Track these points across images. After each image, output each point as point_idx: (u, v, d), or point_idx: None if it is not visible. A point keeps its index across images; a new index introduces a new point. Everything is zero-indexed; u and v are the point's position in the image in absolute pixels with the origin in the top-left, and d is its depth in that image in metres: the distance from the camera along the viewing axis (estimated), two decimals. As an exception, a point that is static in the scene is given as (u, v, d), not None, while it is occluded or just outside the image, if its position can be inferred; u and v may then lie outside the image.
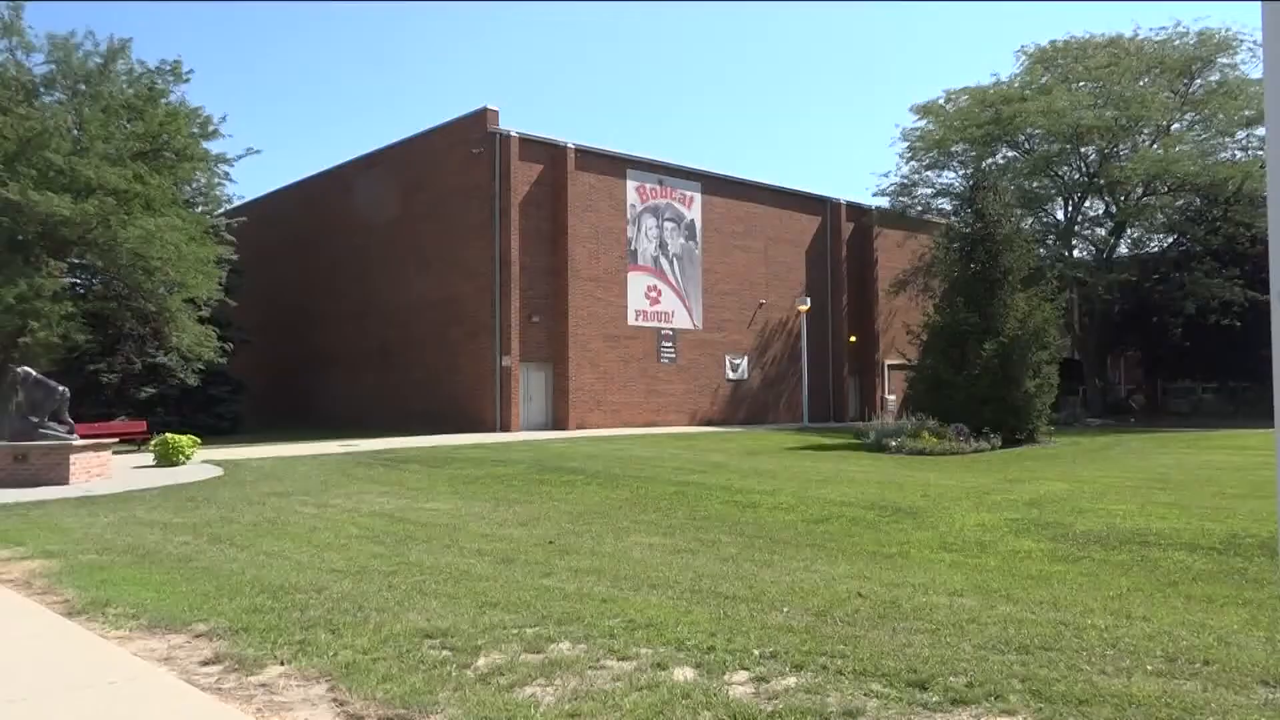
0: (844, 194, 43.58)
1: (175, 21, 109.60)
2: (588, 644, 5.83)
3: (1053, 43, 40.27)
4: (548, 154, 32.70)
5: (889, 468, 18.75)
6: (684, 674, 5.22)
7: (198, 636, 6.07)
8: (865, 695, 4.86)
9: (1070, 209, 41.62)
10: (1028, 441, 25.34)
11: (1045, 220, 42.67)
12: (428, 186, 34.25)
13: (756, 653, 5.61)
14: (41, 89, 27.21)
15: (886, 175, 44.74)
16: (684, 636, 5.96)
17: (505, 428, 30.69)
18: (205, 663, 5.50)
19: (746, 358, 38.32)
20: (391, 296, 35.53)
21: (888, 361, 44.06)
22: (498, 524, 11.42)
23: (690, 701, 4.73)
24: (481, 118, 31.94)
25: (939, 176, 43.56)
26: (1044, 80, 39.62)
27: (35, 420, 16.62)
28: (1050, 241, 40.96)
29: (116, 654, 5.64)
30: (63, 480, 15.94)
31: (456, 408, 31.91)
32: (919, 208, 43.58)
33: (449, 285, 33.04)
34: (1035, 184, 40.43)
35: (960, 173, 42.33)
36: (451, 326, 32.87)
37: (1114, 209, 40.47)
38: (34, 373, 17.50)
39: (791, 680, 5.11)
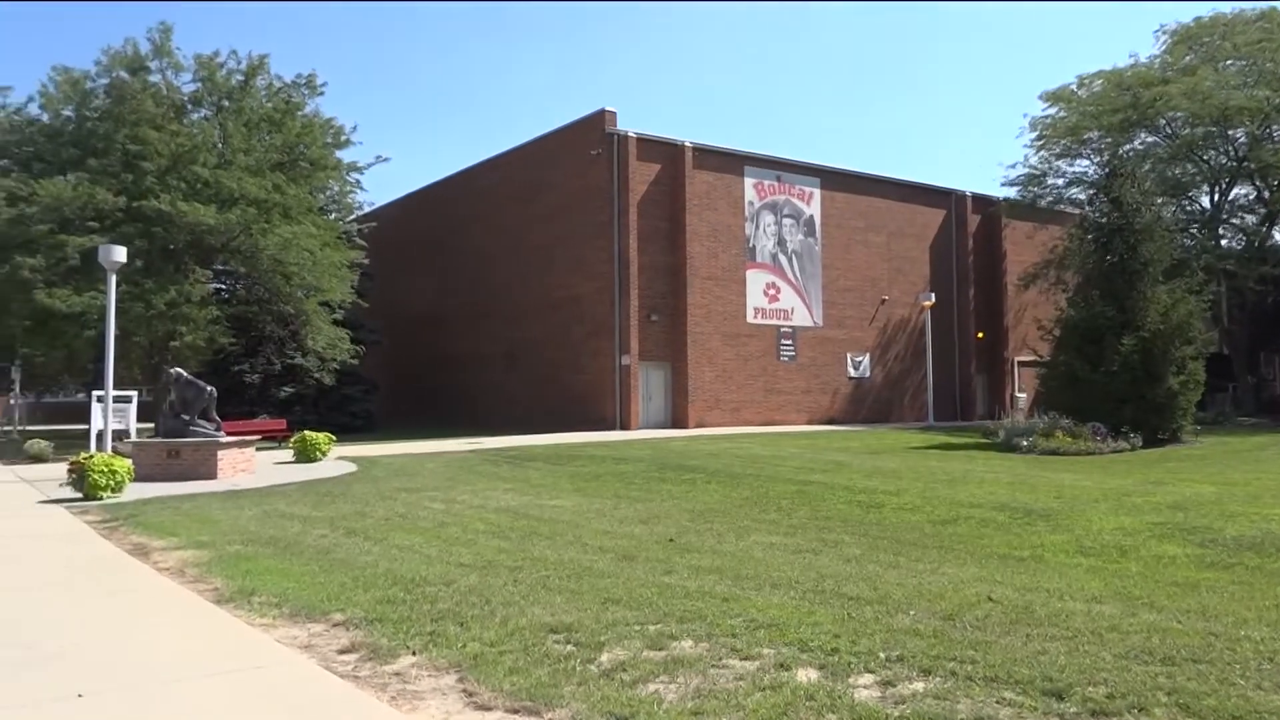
0: (969, 186, 42.22)
1: (306, 35, 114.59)
2: (710, 642, 5.82)
3: (1197, 19, 38.08)
4: (665, 153, 32.82)
5: (1020, 468, 18.09)
6: (808, 675, 5.15)
7: (335, 625, 6.32)
8: (997, 703, 4.70)
9: (1217, 196, 39.31)
10: (1171, 441, 24.09)
11: (1189, 209, 40.45)
12: (549, 189, 34.84)
13: (882, 656, 5.49)
14: (189, 106, 28.90)
15: (1014, 166, 43.09)
16: (807, 637, 5.88)
17: (625, 426, 30.94)
18: (342, 651, 5.72)
19: (868, 355, 37.60)
20: (515, 297, 36.28)
21: (1017, 358, 42.48)
22: (619, 521, 11.51)
23: (814, 704, 4.66)
24: (600, 119, 32.30)
25: (1071, 165, 41.83)
26: (1187, 60, 37.50)
27: (186, 418, 17.61)
28: (1195, 231, 38.79)
29: (262, 640, 5.93)
30: (211, 475, 16.81)
31: (578, 406, 32.35)
32: (1050, 198, 41.88)
33: (570, 285, 33.53)
34: (1178, 170, 38.36)
35: (1095, 160, 40.50)
36: (573, 326, 33.35)
37: (1266, 195, 37.99)
38: (185, 373, 18.57)
39: (919, 685, 4.98)
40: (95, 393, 21.61)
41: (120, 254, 19.54)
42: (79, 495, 13.91)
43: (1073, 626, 6.22)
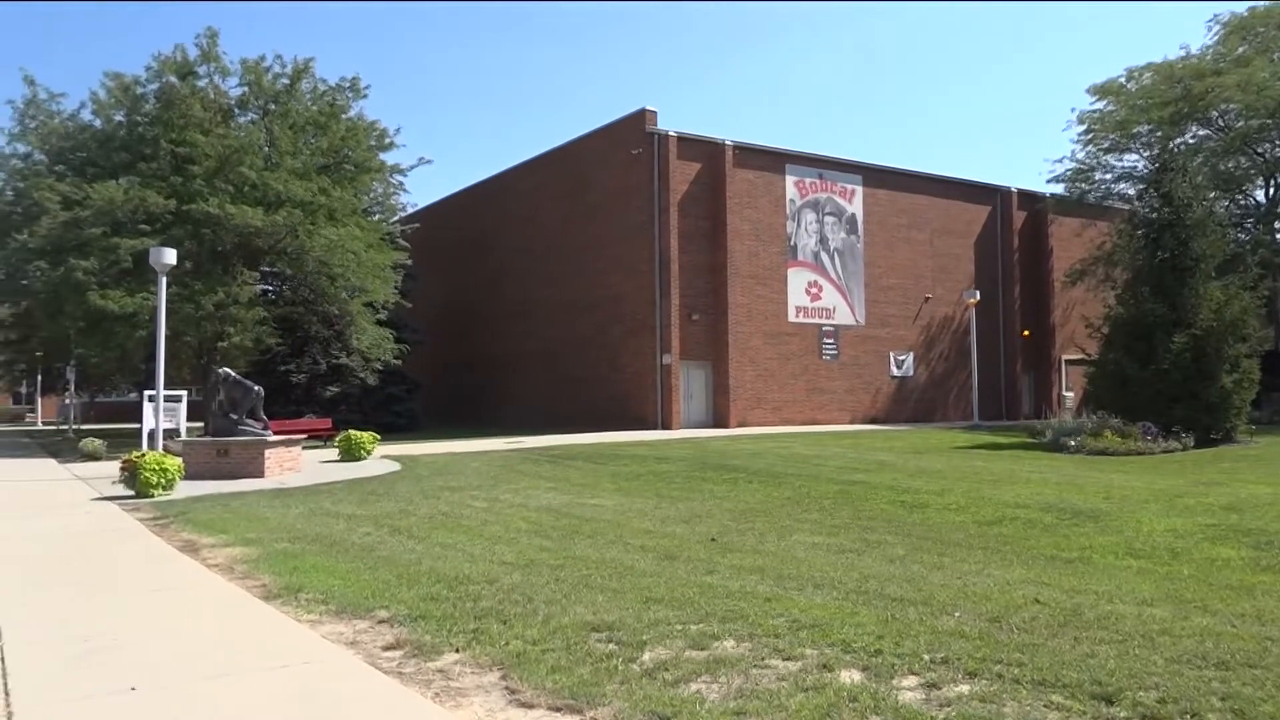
0: (1015, 182, 41.65)
1: (349, 37, 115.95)
2: (752, 642, 5.80)
3: (1252, 9, 37.18)
4: (706, 152, 32.76)
5: (1067, 468, 17.81)
6: (851, 676, 5.11)
7: (380, 622, 6.39)
8: (1045, 707, 4.63)
9: (1272, 189, 38.36)
10: (1224, 441, 23.58)
11: (1243, 203, 39.52)
12: (589, 188, 34.93)
13: (927, 657, 5.43)
14: (236, 110, 29.37)
15: (1060, 161, 42.30)
16: (850, 638, 5.84)
17: (666, 425, 30.93)
18: (387, 647, 5.79)
19: (912, 354, 37.24)
20: (555, 297, 36.43)
21: (1065, 356, 41.84)
22: (660, 520, 11.51)
23: (858, 705, 4.63)
24: (640, 119, 32.32)
25: (1119, 160, 41.07)
26: (1241, 51, 36.66)
27: (235, 417, 17.91)
28: (1249, 225, 37.88)
29: (308, 636, 6.01)
30: (259, 473, 17.07)
31: (618, 406, 32.40)
32: (1098, 193, 41.14)
33: (610, 285, 33.59)
34: (1231, 164, 37.50)
35: (1144, 155, 39.72)
36: (613, 325, 33.40)
37: (1324, 189, 37.05)
38: (233, 373, 18.90)
39: (964, 688, 4.92)
40: (147, 392, 22.03)
41: (170, 256, 19.90)
42: (131, 493, 14.21)
43: (1123, 630, 6.11)
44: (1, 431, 44.50)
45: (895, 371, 36.74)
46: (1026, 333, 41.06)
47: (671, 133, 32.00)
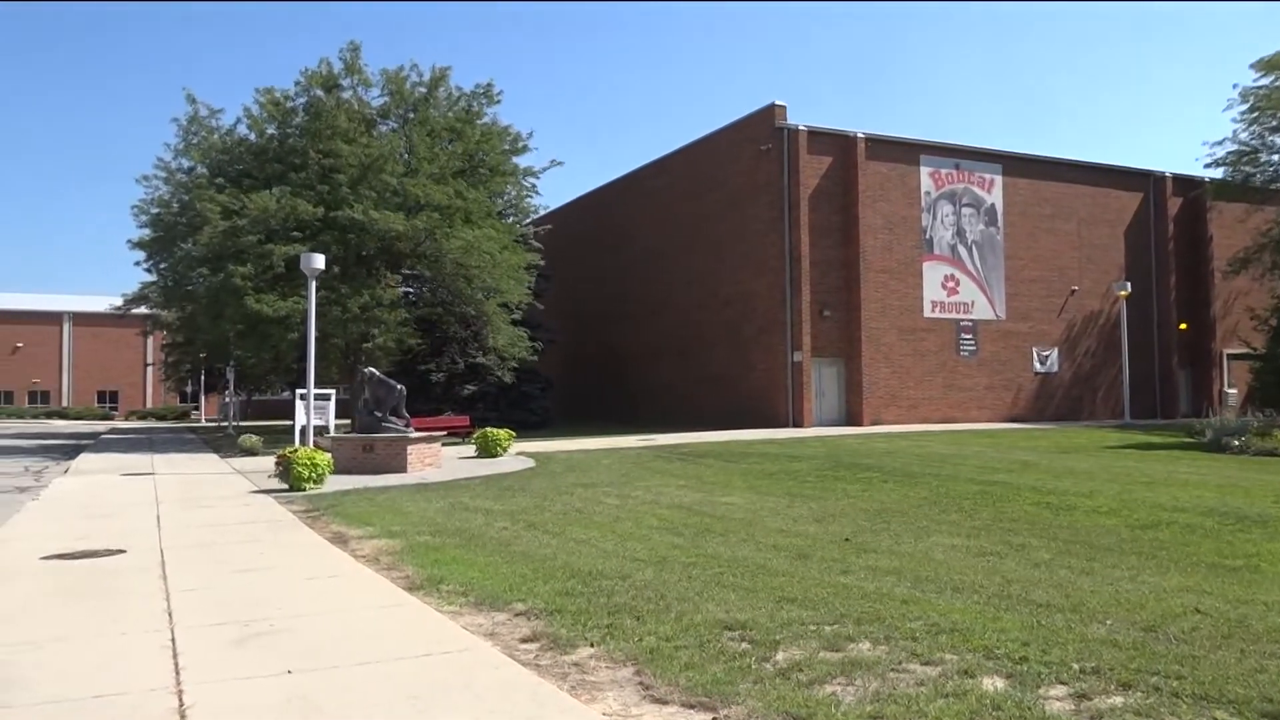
0: (1169, 167, 39.31)
1: (483, 40, 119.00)
2: (889, 645, 5.67)
3: None
4: (837, 145, 32.21)
5: (1230, 470, 16.72)
6: (993, 684, 4.94)
7: (517, 615, 6.55)
8: (1208, 723, 4.36)
9: None
10: None
11: None
12: (718, 185, 34.85)
13: (1076, 667, 5.19)
14: (378, 119, 30.60)
15: (1221, 143, 39.48)
16: (992, 644, 5.64)
17: (798, 424, 30.59)
18: (524, 640, 5.92)
19: (1056, 349, 35.69)
20: (686, 295, 36.50)
21: (1227, 351, 39.27)
22: (792, 519, 11.39)
23: (1002, 714, 4.46)
24: (769, 114, 32.04)
25: (1290, 140, 38.12)
26: None
27: (379, 415, 18.65)
28: None
29: (449, 627, 6.21)
30: (402, 469, 17.72)
31: (749, 403, 32.23)
32: (1264, 176, 38.37)
33: (740, 282, 33.44)
34: None
35: (1317, 134, 36.81)
36: (744, 323, 33.24)
37: None
38: (377, 373, 19.69)
39: (1118, 699, 4.68)
40: (298, 391, 23.21)
41: (319, 261, 20.90)
42: (285, 486, 14.99)
43: (1295, 643, 5.69)
44: (169, 428, 47.72)
45: (1038, 367, 35.29)
46: (1183, 326, 38.74)
47: (801, 127, 31.60)
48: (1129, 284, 34.18)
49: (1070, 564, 8.45)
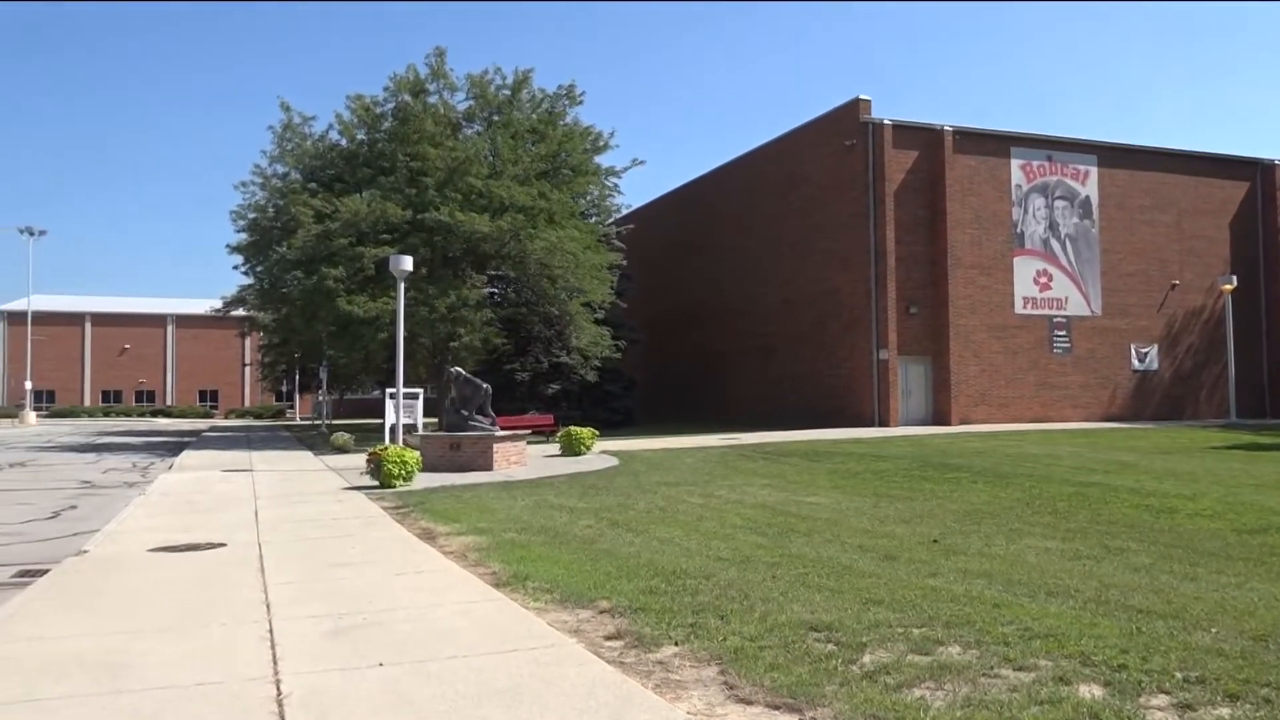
0: (1278, 154, 37.53)
1: (565, 41, 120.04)
2: (979, 650, 5.54)
3: None
4: (923, 139, 31.61)
5: (1346, 472, 15.88)
6: (1091, 691, 4.78)
7: (601, 613, 6.58)
8: (1323, 738, 4.15)
9: None
10: None
11: None
12: (802, 182, 34.53)
13: (1179, 675, 4.99)
14: (463, 123, 31.14)
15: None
16: (1089, 650, 5.46)
17: (884, 423, 30.12)
18: (608, 637, 5.95)
19: (1155, 346, 34.40)
20: (770, 292, 36.26)
21: (1342, 347, 37.33)
22: (879, 520, 11.21)
23: (1100, 722, 4.32)
24: (854, 109, 31.62)
25: None
26: None
27: (465, 414, 18.97)
28: None
29: (536, 623, 6.29)
30: (487, 466, 17.99)
31: (834, 402, 31.86)
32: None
33: (825, 279, 33.08)
34: None
35: None
36: (829, 320, 32.87)
37: None
38: (463, 372, 20.04)
39: (1224, 710, 4.49)
40: (388, 390, 23.75)
41: (408, 263, 21.36)
42: (376, 483, 15.37)
43: None
44: (265, 427, 49.35)
45: (1137, 365, 34.07)
46: (1294, 321, 36.98)
47: (886, 121, 31.11)
48: (1234, 277, 32.75)
49: (1172, 569, 8.14)
